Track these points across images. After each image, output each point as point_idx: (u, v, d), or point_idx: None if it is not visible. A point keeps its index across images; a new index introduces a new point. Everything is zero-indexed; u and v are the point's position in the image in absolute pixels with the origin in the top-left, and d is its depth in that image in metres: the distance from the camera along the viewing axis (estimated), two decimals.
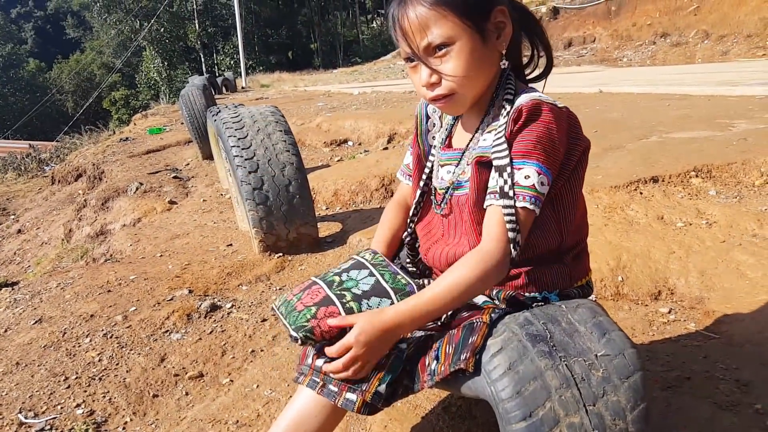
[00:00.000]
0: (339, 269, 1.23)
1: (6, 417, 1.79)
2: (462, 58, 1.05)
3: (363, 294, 1.14)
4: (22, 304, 2.74)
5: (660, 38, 16.45)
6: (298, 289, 1.20)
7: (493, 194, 1.04)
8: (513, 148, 1.03)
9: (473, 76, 1.07)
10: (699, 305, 2.13)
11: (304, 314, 1.11)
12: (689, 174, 3.09)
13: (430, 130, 1.30)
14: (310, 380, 1.17)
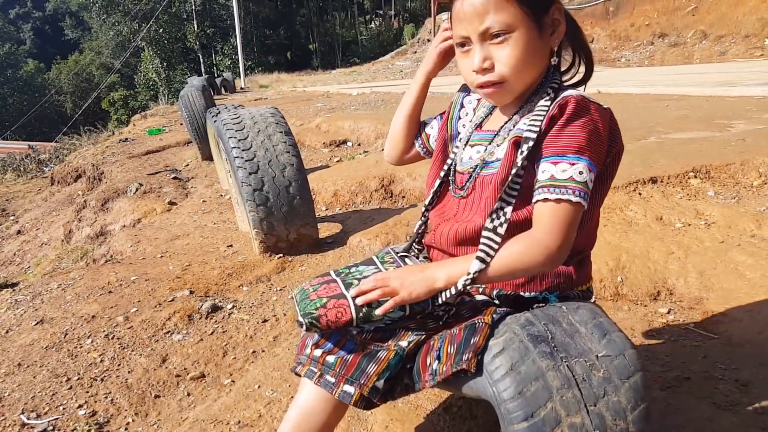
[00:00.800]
0: (360, 273, 1.26)
1: (9, 418, 1.80)
2: (518, 47, 1.05)
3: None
4: (23, 305, 2.74)
5: (658, 38, 16.48)
6: (317, 281, 1.24)
7: (545, 188, 1.02)
8: (564, 141, 1.02)
9: (525, 67, 1.07)
10: (698, 305, 2.14)
11: (315, 303, 1.14)
12: (688, 175, 3.10)
13: (461, 117, 1.32)
14: (308, 369, 1.20)
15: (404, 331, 1.18)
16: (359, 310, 1.12)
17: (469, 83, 1.15)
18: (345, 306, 1.13)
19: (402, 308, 1.13)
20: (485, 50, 1.07)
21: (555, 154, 1.02)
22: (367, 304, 1.12)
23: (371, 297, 1.11)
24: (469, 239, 1.17)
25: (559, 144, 1.02)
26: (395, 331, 1.18)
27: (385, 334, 1.18)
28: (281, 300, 2.54)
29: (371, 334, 1.19)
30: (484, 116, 1.26)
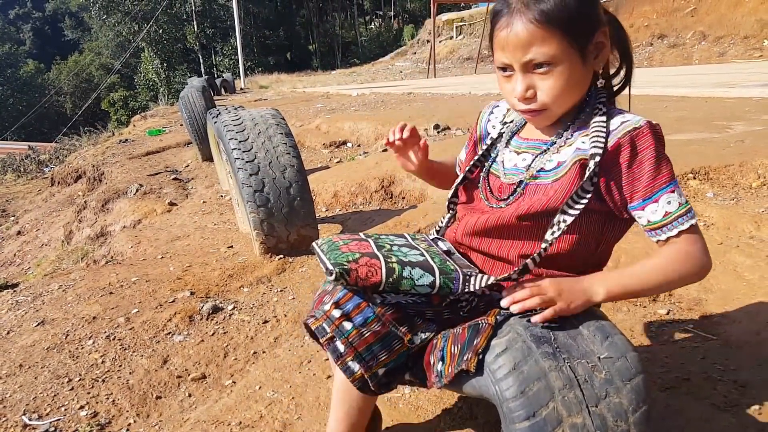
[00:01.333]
0: (391, 241, 1.25)
1: (10, 419, 1.81)
2: (561, 78, 1.05)
3: (408, 262, 1.14)
4: (24, 306, 2.75)
5: (657, 39, 16.51)
6: (347, 237, 1.23)
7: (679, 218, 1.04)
8: (659, 176, 1.04)
9: (568, 96, 1.09)
10: (697, 306, 2.15)
11: (347, 256, 1.12)
12: (687, 176, 3.11)
13: (490, 120, 1.33)
14: (319, 326, 1.16)
15: (420, 320, 1.16)
16: (390, 274, 1.10)
17: (510, 105, 1.16)
18: (377, 266, 1.10)
19: (431, 285, 1.11)
20: (528, 79, 1.07)
21: (669, 183, 1.05)
22: (399, 274, 1.10)
23: (529, 304, 1.04)
24: (494, 230, 1.17)
25: (663, 175, 1.04)
26: (413, 317, 1.16)
27: (402, 316, 1.15)
28: (282, 301, 2.55)
29: (390, 311, 1.15)
30: (522, 122, 1.25)
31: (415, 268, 1.12)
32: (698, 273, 1.07)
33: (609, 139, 1.06)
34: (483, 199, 1.24)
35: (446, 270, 1.14)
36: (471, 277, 1.13)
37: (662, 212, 1.04)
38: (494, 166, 1.25)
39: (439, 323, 1.17)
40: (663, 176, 1.04)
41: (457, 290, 1.12)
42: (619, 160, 1.05)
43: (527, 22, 1.02)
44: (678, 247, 1.06)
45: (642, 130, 1.04)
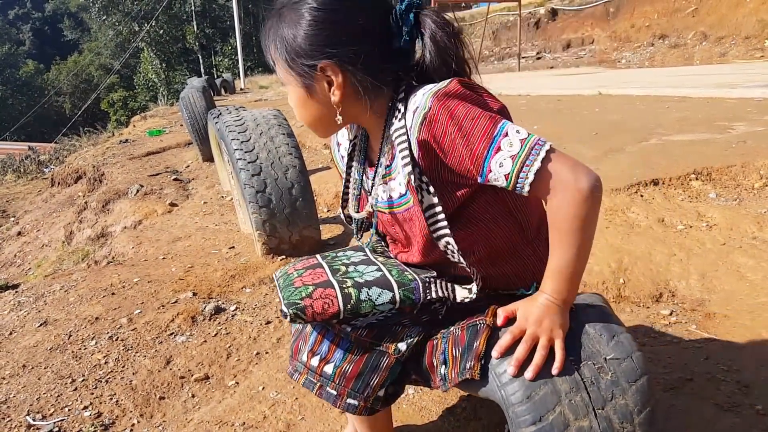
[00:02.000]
0: (348, 259, 1.21)
1: (14, 419, 1.81)
2: (292, 101, 1.10)
3: (365, 282, 1.10)
4: (26, 306, 2.75)
5: (658, 40, 16.50)
6: (301, 265, 1.20)
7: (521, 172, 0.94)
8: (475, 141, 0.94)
9: (305, 117, 1.10)
10: (700, 307, 2.15)
11: (300, 291, 1.09)
12: (689, 177, 3.11)
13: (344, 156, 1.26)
14: (305, 379, 1.18)
15: (400, 327, 1.14)
16: (347, 301, 1.06)
17: None
18: (332, 296, 1.07)
19: (392, 301, 1.08)
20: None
21: (483, 162, 0.95)
22: (356, 298, 1.06)
23: (521, 356, 0.97)
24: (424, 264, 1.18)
25: (475, 154, 0.95)
26: (390, 327, 1.14)
27: (380, 331, 1.14)
28: None
29: (366, 331, 1.14)
30: (362, 152, 1.20)
31: (372, 287, 1.09)
32: (584, 195, 0.93)
33: (412, 144, 1.00)
34: (386, 231, 1.23)
35: (404, 282, 1.11)
36: (431, 284, 1.12)
37: (502, 177, 0.95)
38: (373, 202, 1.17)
39: (422, 326, 1.16)
40: (479, 143, 0.94)
41: (419, 300, 1.09)
42: (435, 155, 0.99)
43: (269, 47, 1.08)
44: (550, 197, 0.95)
45: (432, 113, 0.96)
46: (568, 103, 7.13)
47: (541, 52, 21.22)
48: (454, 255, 1.05)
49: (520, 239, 1.11)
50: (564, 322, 1.00)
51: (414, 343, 1.15)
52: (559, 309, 1.00)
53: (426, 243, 1.11)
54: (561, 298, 1.00)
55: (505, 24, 23.92)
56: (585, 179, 0.93)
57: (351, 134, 1.23)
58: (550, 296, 1.00)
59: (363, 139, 1.20)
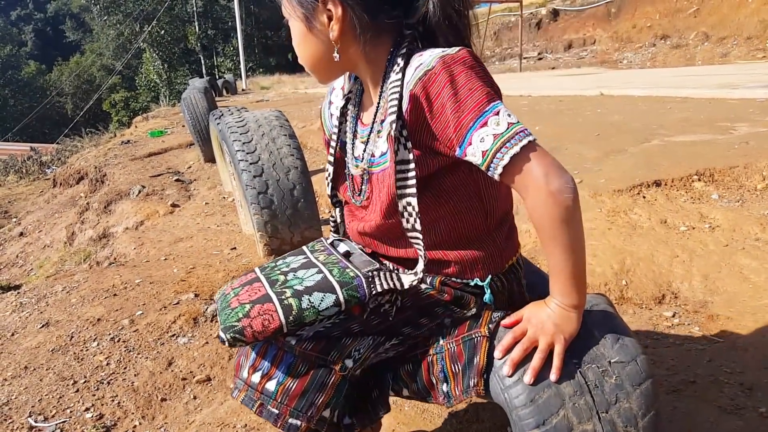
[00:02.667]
0: (287, 266, 1.14)
1: (16, 421, 1.81)
2: (293, 36, 1.08)
3: (305, 289, 1.03)
4: (28, 307, 2.75)
5: (660, 40, 16.50)
6: (238, 283, 1.12)
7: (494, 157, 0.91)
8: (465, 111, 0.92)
9: (306, 56, 1.09)
10: (703, 309, 2.14)
11: (236, 312, 1.01)
12: (692, 178, 3.11)
13: (333, 114, 1.23)
14: (245, 396, 1.08)
15: (350, 339, 1.08)
16: (288, 313, 0.99)
17: None
18: (271, 311, 1.00)
19: (336, 303, 1.01)
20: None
21: (477, 117, 0.91)
22: (298, 308, 1.00)
23: (517, 357, 0.97)
24: (378, 235, 1.13)
25: (468, 110, 0.92)
26: (339, 339, 1.07)
27: (327, 344, 1.07)
28: None
29: (312, 344, 1.06)
30: (358, 100, 1.18)
31: (313, 293, 1.02)
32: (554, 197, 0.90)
33: (404, 95, 0.97)
34: (351, 197, 1.18)
35: (346, 281, 1.04)
36: (374, 277, 1.05)
37: (480, 153, 0.92)
38: (351, 163, 1.16)
39: (373, 334, 1.09)
40: (468, 113, 0.91)
41: (365, 296, 1.02)
42: (422, 113, 0.96)
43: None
44: (521, 191, 0.94)
45: (433, 72, 0.93)
46: (569, 104, 7.13)
47: (543, 52, 21.22)
48: (411, 219, 1.00)
49: (483, 226, 1.08)
50: (570, 329, 0.98)
51: (362, 358, 1.08)
52: (567, 315, 0.98)
53: (389, 204, 1.05)
54: (569, 302, 0.97)
55: (507, 24, 23.93)
56: (556, 181, 0.90)
57: (346, 90, 1.20)
58: (558, 300, 0.98)
59: (358, 94, 1.17)
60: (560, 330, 0.97)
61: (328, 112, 1.25)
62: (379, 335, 1.09)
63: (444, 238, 1.07)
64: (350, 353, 1.07)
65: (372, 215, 1.11)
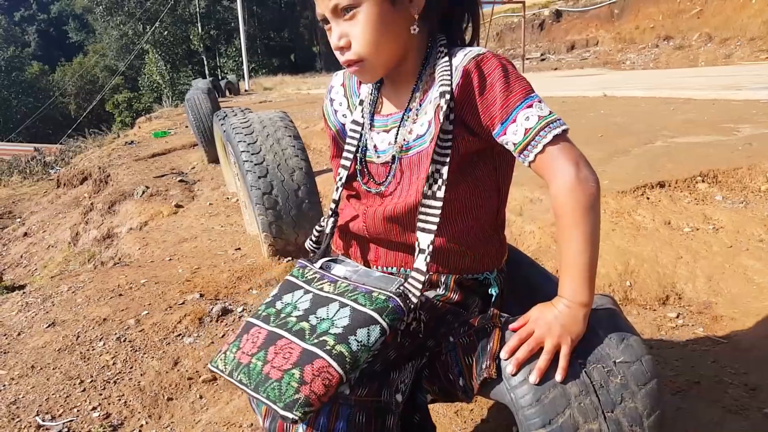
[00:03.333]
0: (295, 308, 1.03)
1: (24, 419, 1.82)
2: (368, 22, 1.00)
3: (346, 331, 0.94)
4: (34, 307, 2.77)
5: (663, 41, 16.49)
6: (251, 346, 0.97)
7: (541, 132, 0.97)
8: (511, 95, 0.98)
9: (381, 42, 1.02)
10: (707, 310, 2.15)
11: (287, 383, 0.89)
12: (695, 179, 3.11)
13: (336, 110, 1.24)
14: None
15: (395, 372, 1.05)
16: (343, 362, 0.91)
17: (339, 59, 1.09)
18: (326, 368, 0.90)
19: (383, 332, 0.95)
20: (341, 27, 1.02)
21: (524, 98, 0.98)
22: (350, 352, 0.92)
23: (522, 357, 0.96)
24: (400, 217, 1.08)
25: (517, 92, 0.99)
26: (385, 376, 1.04)
27: (379, 384, 1.02)
28: None
29: (365, 389, 1.01)
30: (374, 98, 1.17)
31: (357, 331, 0.94)
32: (583, 184, 0.96)
33: (455, 72, 1.02)
34: (362, 185, 1.16)
35: (381, 306, 0.97)
36: (405, 292, 1.00)
37: (522, 131, 0.97)
38: (368, 154, 1.15)
39: (409, 358, 1.08)
40: (516, 94, 0.98)
41: (404, 313, 0.98)
42: (471, 89, 1.01)
43: None
44: (553, 172, 0.98)
45: (486, 55, 1.01)
46: (572, 105, 7.13)
47: (546, 53, 21.21)
48: (435, 186, 1.02)
49: (494, 222, 1.14)
50: (577, 330, 0.98)
51: (407, 388, 1.06)
52: (574, 315, 0.98)
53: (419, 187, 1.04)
54: (579, 299, 0.98)
55: (510, 25, 23.92)
56: (585, 170, 0.97)
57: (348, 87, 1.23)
58: (568, 298, 0.99)
59: (374, 89, 1.18)
60: (567, 331, 0.97)
61: (332, 109, 1.25)
62: (414, 358, 1.08)
63: (462, 228, 1.10)
64: (398, 387, 1.04)
65: (399, 199, 1.10)
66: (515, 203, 3.07)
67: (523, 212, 3.01)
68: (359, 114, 1.18)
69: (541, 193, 3.15)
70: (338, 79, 1.26)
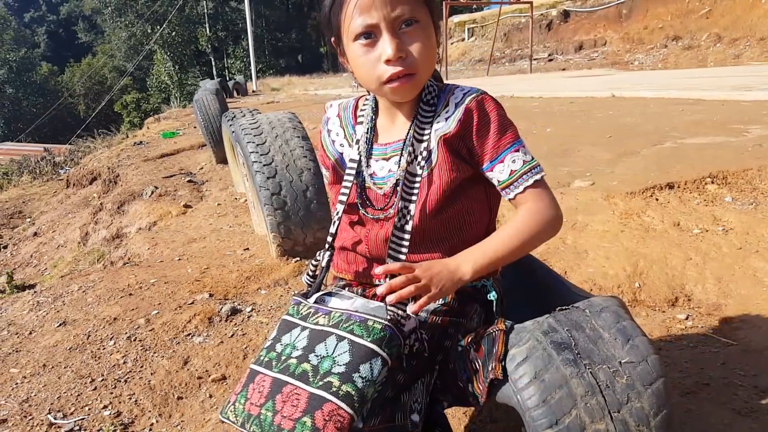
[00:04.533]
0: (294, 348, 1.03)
1: (36, 417, 1.84)
2: (427, 37, 1.07)
3: (348, 369, 0.96)
4: (45, 306, 2.79)
5: (672, 41, 16.40)
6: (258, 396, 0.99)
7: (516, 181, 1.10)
8: (503, 137, 1.10)
9: (432, 58, 1.10)
10: (716, 312, 2.14)
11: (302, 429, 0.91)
12: (705, 180, 3.10)
13: (334, 140, 1.29)
14: None
15: (405, 395, 1.06)
16: (351, 401, 0.92)
17: (372, 79, 1.09)
18: (335, 410, 0.92)
19: (384, 363, 0.97)
20: (398, 39, 1.04)
21: (512, 143, 1.11)
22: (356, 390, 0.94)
23: (405, 294, 0.98)
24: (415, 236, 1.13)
25: (507, 137, 1.11)
26: (396, 401, 1.05)
27: (391, 410, 1.03)
28: None
29: (378, 418, 1.01)
30: (370, 126, 1.22)
31: (359, 367, 0.96)
32: (549, 224, 1.11)
33: (456, 110, 1.12)
34: (361, 211, 1.19)
35: (378, 336, 0.99)
36: (401, 317, 1.03)
37: (508, 171, 1.10)
38: (368, 181, 1.19)
39: (418, 377, 1.09)
40: (507, 137, 1.11)
41: (400, 339, 1.02)
42: (470, 125, 1.11)
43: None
44: (527, 206, 1.11)
45: (485, 97, 1.12)
46: (581, 106, 7.11)
47: (553, 53, 21.16)
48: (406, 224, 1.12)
49: (484, 235, 1.19)
50: (446, 289, 1.04)
51: (422, 407, 1.07)
52: (453, 279, 1.05)
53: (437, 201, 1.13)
54: (468, 269, 1.06)
55: (517, 26, 23.87)
56: (556, 211, 1.13)
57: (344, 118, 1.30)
58: (466, 267, 1.06)
59: (370, 120, 1.24)
60: (443, 288, 1.04)
61: (329, 139, 1.31)
62: (423, 376, 1.10)
63: (456, 243, 1.16)
64: (411, 407, 1.05)
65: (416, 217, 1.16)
66: None
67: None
68: (356, 152, 1.22)
69: None
70: (333, 111, 1.33)
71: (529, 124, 5.62)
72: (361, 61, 1.07)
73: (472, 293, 1.20)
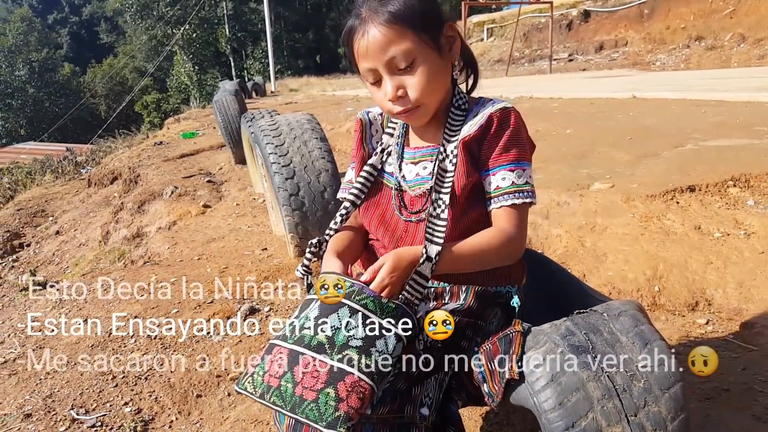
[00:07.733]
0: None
1: (59, 413, 1.88)
2: (424, 72, 1.11)
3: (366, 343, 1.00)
4: (67, 304, 2.84)
5: (694, 42, 16.18)
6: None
7: (510, 193, 1.14)
8: (515, 150, 1.14)
9: (435, 88, 1.15)
10: (737, 317, 2.12)
11: (326, 403, 0.94)
12: (726, 183, 3.06)
13: (373, 135, 1.34)
14: None
15: (417, 389, 1.08)
16: (370, 374, 0.96)
17: (386, 111, 1.20)
18: (357, 382, 0.95)
19: (398, 338, 1.01)
20: (396, 79, 1.12)
21: (511, 162, 1.14)
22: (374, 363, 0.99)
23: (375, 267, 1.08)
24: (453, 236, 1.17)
25: (511, 154, 1.15)
26: (407, 393, 1.07)
27: (400, 401, 1.06)
28: None
29: (386, 407, 1.04)
30: (401, 134, 1.29)
31: (375, 342, 0.99)
32: (504, 247, 1.13)
33: (483, 116, 1.16)
34: (397, 213, 1.23)
35: (390, 311, 1.03)
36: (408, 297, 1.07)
37: (494, 186, 1.15)
38: (403, 185, 1.24)
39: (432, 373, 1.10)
40: (510, 154, 1.15)
41: (414, 320, 1.05)
42: (488, 130, 1.15)
43: (379, 25, 1.09)
44: (495, 223, 1.16)
45: (511, 110, 1.16)
46: (601, 107, 7.05)
47: (573, 54, 20.99)
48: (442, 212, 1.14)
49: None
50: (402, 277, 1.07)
51: (434, 402, 1.09)
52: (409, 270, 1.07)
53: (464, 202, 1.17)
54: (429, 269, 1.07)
55: (537, 26, 23.72)
56: (518, 239, 1.15)
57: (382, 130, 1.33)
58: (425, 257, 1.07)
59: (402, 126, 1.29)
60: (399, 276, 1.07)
61: (369, 133, 1.35)
62: (436, 372, 1.11)
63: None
64: (422, 401, 1.07)
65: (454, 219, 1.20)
66: (541, 206, 3.06)
67: (550, 215, 3.00)
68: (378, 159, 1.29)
69: (568, 197, 3.13)
70: (376, 110, 1.35)
71: (549, 126, 5.58)
72: (374, 96, 1.19)
73: (493, 296, 1.21)
